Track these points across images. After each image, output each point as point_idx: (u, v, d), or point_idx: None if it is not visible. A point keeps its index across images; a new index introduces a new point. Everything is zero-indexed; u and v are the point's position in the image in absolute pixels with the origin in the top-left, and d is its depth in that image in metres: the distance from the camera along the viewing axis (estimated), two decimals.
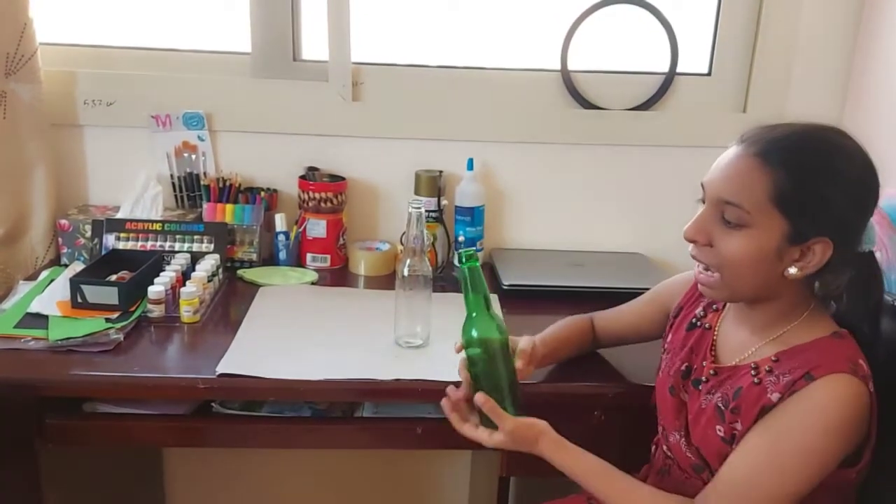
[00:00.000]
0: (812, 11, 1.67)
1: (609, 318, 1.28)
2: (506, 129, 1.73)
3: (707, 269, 0.99)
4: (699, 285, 1.03)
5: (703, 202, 0.99)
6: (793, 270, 0.94)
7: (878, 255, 1.00)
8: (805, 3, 1.67)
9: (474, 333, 1.06)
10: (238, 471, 1.95)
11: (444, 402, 1.08)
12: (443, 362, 1.23)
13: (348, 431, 1.28)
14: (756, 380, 0.96)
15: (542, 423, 1.04)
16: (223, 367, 1.18)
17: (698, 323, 1.11)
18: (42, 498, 1.23)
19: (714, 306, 1.11)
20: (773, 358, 0.97)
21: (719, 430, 0.99)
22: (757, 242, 0.93)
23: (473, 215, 1.69)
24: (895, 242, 1.27)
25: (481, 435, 1.04)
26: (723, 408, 0.99)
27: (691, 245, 1.00)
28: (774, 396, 0.93)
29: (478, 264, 1.07)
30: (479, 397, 1.03)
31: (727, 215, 0.95)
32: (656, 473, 1.13)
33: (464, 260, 1.06)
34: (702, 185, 0.99)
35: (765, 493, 0.91)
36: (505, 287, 1.54)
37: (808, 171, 0.92)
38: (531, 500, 1.87)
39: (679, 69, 1.73)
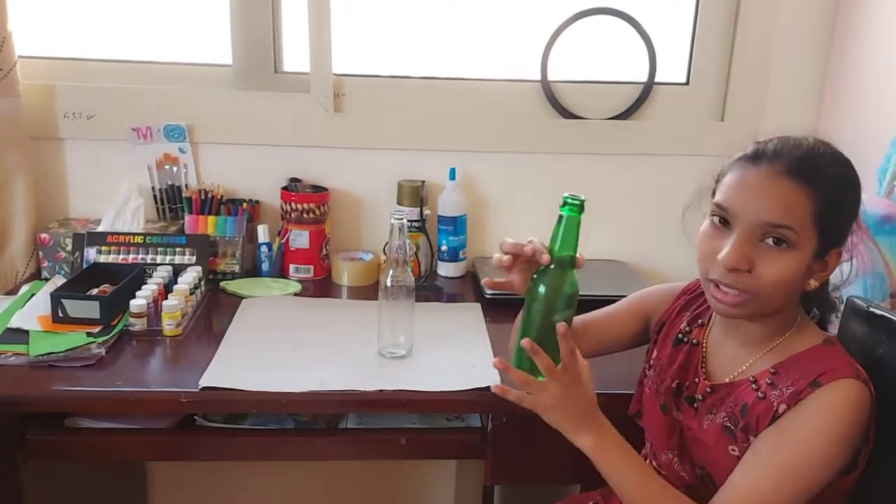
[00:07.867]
0: (787, 22, 1.70)
1: (587, 322, 1.22)
2: (487, 138, 1.74)
3: (735, 291, 0.94)
4: (719, 305, 0.96)
5: (721, 223, 0.95)
6: (812, 283, 0.95)
7: (853, 261, 1.01)
8: (781, 13, 1.69)
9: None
10: (222, 484, 1.94)
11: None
12: (426, 372, 1.24)
13: (332, 443, 1.27)
14: (760, 394, 0.95)
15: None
16: (206, 381, 1.18)
17: (685, 339, 1.09)
18: None
19: (700, 321, 1.10)
20: (770, 370, 0.96)
21: (733, 451, 0.97)
22: (799, 263, 0.92)
23: (456, 225, 1.70)
24: (870, 249, 1.30)
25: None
26: (732, 427, 0.97)
27: (721, 272, 0.93)
28: (782, 408, 0.92)
29: (578, 216, 1.03)
30: (561, 327, 0.97)
31: (773, 238, 0.91)
32: None
33: (568, 202, 1.01)
34: (719, 206, 0.95)
35: (768, 499, 0.90)
36: (487, 296, 1.55)
37: (836, 187, 0.93)
38: None
39: (657, 79, 1.75)
